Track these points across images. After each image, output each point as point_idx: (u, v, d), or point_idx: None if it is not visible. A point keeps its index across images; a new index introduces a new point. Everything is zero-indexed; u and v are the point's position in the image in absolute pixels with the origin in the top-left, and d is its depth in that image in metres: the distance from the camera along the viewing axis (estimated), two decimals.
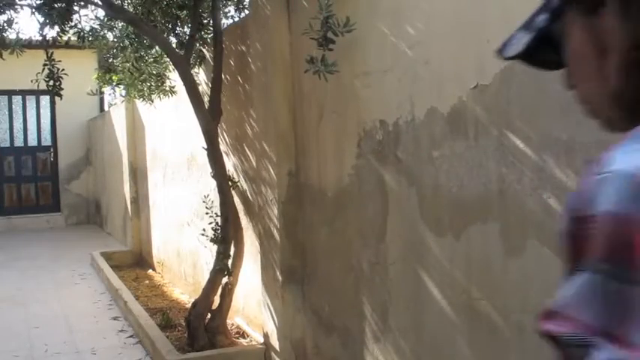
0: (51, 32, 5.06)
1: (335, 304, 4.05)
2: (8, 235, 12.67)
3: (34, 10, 4.48)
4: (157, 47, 5.92)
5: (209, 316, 5.03)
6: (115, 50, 6.36)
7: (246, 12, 5.55)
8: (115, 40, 6.23)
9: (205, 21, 5.64)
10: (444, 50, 2.94)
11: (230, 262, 4.98)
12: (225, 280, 5.01)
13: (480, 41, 2.70)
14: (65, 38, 5.13)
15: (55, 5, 4.45)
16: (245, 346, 5.09)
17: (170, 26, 5.82)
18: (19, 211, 14.00)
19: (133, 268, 9.34)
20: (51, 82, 5.21)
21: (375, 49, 3.47)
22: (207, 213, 5.45)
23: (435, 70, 3.01)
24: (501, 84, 2.60)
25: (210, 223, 5.25)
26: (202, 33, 5.73)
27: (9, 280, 8.56)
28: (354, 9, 3.51)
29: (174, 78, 6.33)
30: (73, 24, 4.84)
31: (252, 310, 5.30)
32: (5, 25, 4.92)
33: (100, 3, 4.93)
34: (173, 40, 5.82)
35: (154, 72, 6.44)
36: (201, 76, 6.13)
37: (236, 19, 6.00)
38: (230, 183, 5.18)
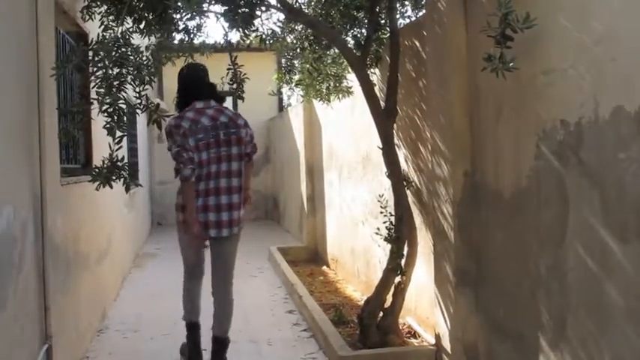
0: (235, 36, 5.29)
1: (510, 308, 3.94)
2: None
3: (219, 16, 4.69)
4: (334, 48, 6.03)
5: (381, 314, 5.07)
6: (294, 52, 6.55)
7: (423, 11, 5.52)
8: (295, 41, 6.41)
9: (382, 21, 5.67)
10: (634, 46, 2.77)
11: (403, 261, 4.99)
12: (397, 279, 5.02)
13: None
14: (247, 42, 5.34)
15: (240, 11, 4.64)
16: (416, 346, 5.08)
17: (347, 27, 5.90)
18: None
19: (308, 263, 9.62)
20: (234, 85, 5.46)
21: (556, 45, 3.34)
22: (381, 212, 5.48)
23: (622, 67, 2.85)
24: None
25: (385, 222, 5.28)
26: (379, 33, 5.77)
27: None
28: (534, 4, 3.39)
29: (350, 78, 6.42)
30: (255, 28, 5.02)
31: (424, 311, 5.27)
32: (195, 30, 5.20)
33: (280, 7, 5.09)
34: (350, 40, 5.91)
35: (332, 72, 6.56)
36: (377, 75, 6.18)
37: (412, 18, 5.98)
38: (405, 183, 5.18)
